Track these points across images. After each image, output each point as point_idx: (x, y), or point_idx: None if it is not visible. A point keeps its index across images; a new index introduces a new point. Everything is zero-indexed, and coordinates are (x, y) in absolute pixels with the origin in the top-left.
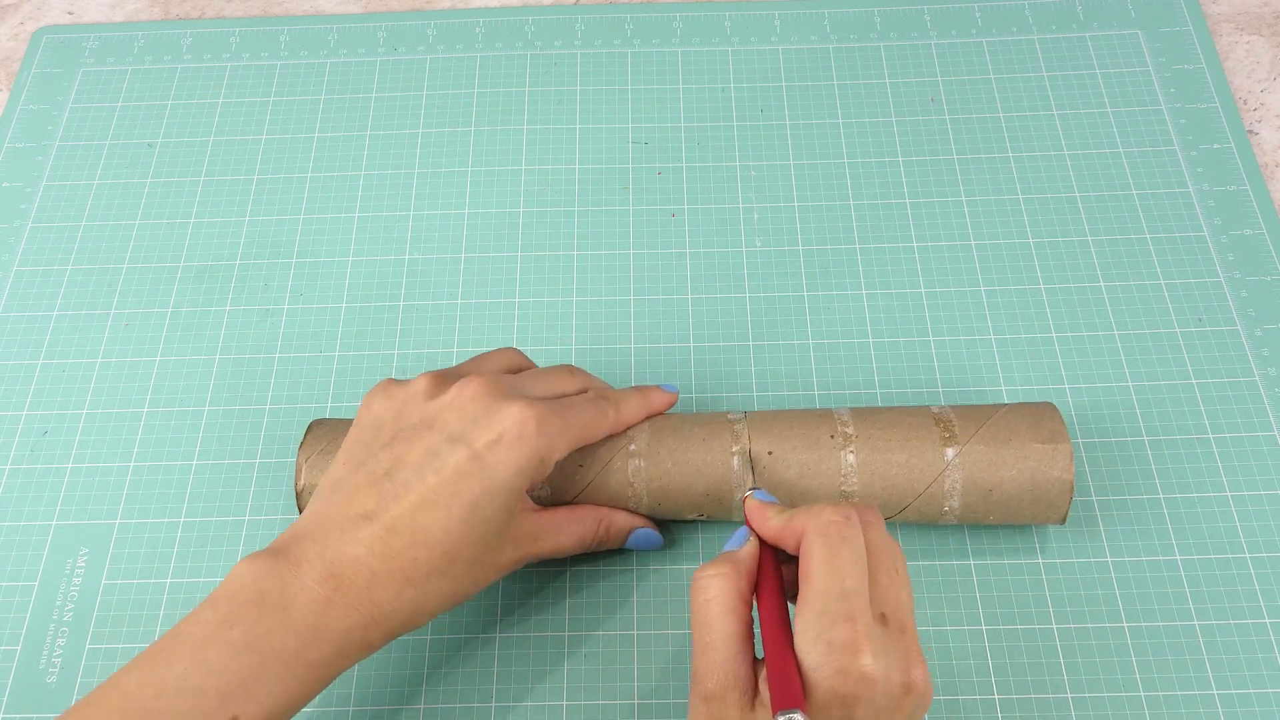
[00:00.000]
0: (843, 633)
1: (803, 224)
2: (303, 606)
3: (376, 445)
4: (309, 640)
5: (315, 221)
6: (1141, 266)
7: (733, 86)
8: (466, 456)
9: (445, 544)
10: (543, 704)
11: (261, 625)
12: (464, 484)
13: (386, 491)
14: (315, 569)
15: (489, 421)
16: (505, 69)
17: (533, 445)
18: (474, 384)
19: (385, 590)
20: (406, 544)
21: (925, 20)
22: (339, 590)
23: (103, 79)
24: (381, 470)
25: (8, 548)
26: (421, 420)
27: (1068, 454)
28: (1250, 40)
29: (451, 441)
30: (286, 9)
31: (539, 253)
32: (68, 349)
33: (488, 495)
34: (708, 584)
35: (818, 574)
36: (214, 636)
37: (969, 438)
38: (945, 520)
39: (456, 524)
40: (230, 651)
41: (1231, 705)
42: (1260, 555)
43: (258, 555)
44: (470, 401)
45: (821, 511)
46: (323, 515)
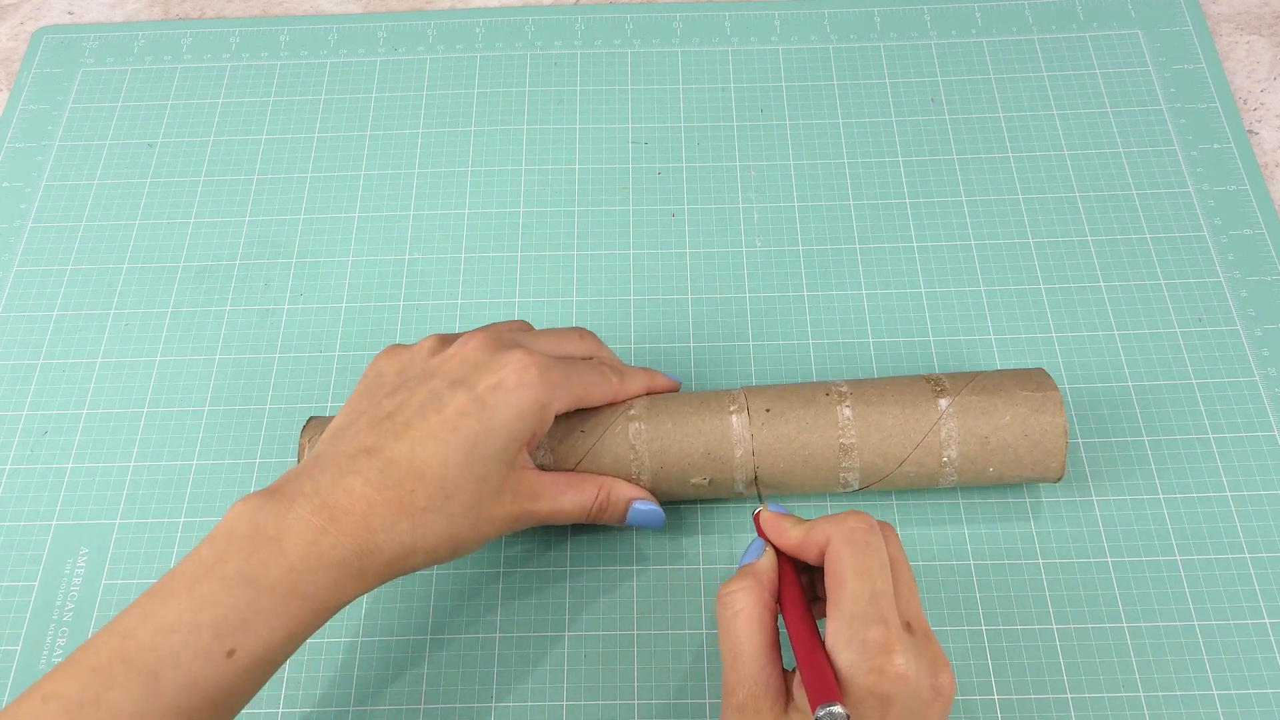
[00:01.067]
0: (877, 633)
1: (803, 224)
2: (297, 536)
3: (380, 394)
4: (304, 570)
5: (315, 221)
6: (1141, 266)
7: (733, 86)
8: (468, 398)
9: (442, 478)
10: (543, 704)
11: (256, 558)
12: (463, 422)
13: (386, 430)
14: (310, 501)
15: (491, 367)
16: (505, 69)
17: (534, 392)
18: (478, 336)
19: (381, 519)
20: (403, 475)
21: (925, 20)
22: (334, 520)
23: (103, 79)
24: (384, 413)
25: (8, 548)
26: (425, 370)
27: (1057, 400)
28: (1250, 40)
29: (453, 385)
30: (286, 9)
31: (539, 253)
32: (68, 349)
33: (487, 435)
34: (733, 599)
35: (849, 577)
36: (209, 572)
37: (960, 390)
38: (946, 475)
39: (455, 459)
40: (225, 586)
41: (1231, 705)
42: (1260, 555)
43: (253, 495)
44: (474, 351)
45: (846, 519)
46: (321, 455)
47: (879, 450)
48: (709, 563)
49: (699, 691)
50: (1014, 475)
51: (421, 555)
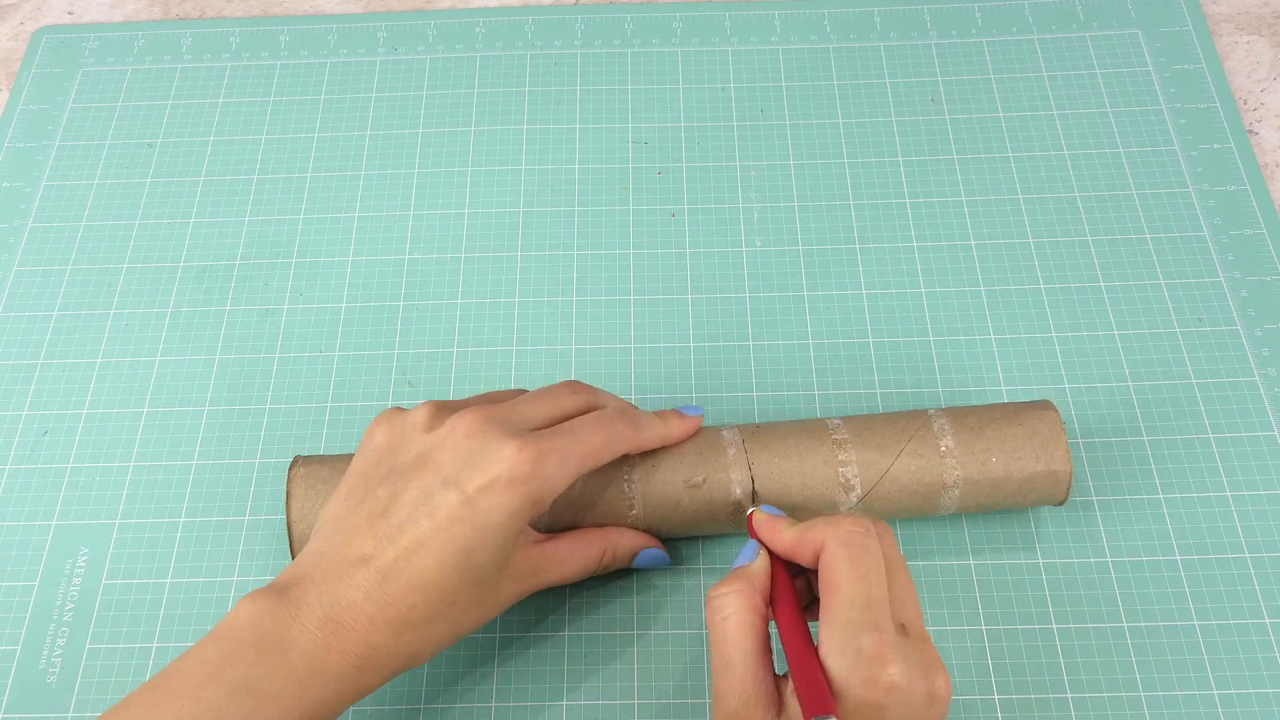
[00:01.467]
0: (870, 641)
1: (803, 224)
2: (302, 650)
3: (375, 480)
4: (307, 684)
5: (315, 221)
6: (1141, 266)
7: (733, 86)
8: (459, 501)
9: (441, 589)
10: (543, 704)
11: (261, 668)
12: (457, 530)
13: (382, 533)
14: (314, 613)
15: (482, 463)
16: (505, 69)
17: (526, 488)
18: (468, 420)
19: (383, 635)
20: (403, 590)
21: (925, 20)
22: (337, 635)
23: (103, 79)
24: (379, 508)
25: (8, 548)
26: (418, 456)
27: (1063, 449)
28: (1250, 40)
29: (445, 484)
30: (286, 9)
31: (539, 253)
32: (68, 349)
33: (481, 540)
34: (723, 602)
35: (843, 583)
36: (213, 676)
37: (963, 445)
38: (946, 465)
39: (451, 569)
40: (229, 692)
41: (1231, 705)
42: (1260, 555)
43: (259, 594)
44: (464, 440)
45: (841, 522)
46: (322, 555)
47: (880, 510)
48: (709, 563)
49: (699, 691)
50: (1015, 506)
51: (425, 656)
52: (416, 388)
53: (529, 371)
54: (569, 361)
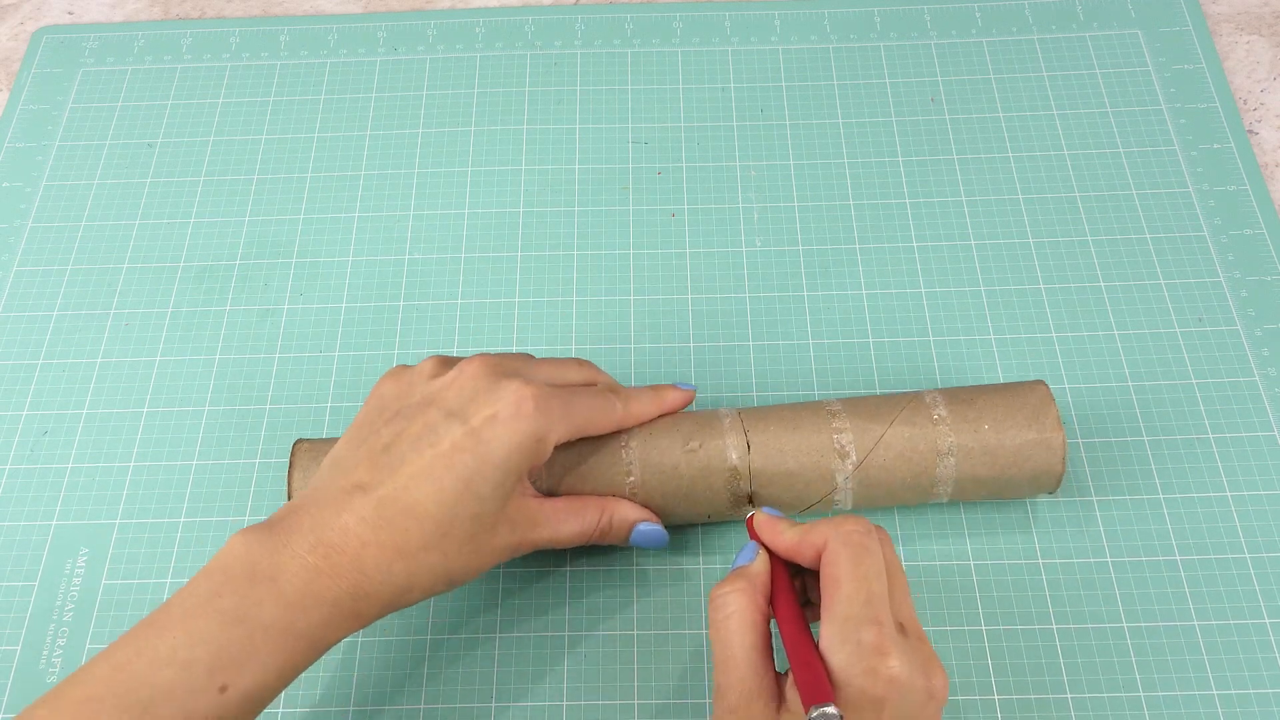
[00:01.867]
0: (871, 635)
1: (803, 224)
2: (292, 575)
3: (379, 422)
4: (298, 609)
5: (315, 221)
6: (1141, 266)
7: (733, 86)
8: (462, 432)
9: (437, 516)
10: (543, 704)
11: (251, 596)
12: (458, 458)
13: (382, 464)
14: (306, 539)
15: (487, 398)
16: (505, 69)
17: (530, 424)
18: (475, 363)
19: (375, 560)
20: (398, 514)
21: (925, 20)
22: (328, 559)
23: (103, 79)
24: (380, 445)
25: (8, 548)
26: (423, 398)
27: (1056, 421)
28: (1250, 40)
29: (449, 417)
30: (286, 9)
31: (539, 253)
32: (68, 349)
33: (482, 471)
34: (725, 600)
35: (845, 579)
36: (204, 607)
37: (958, 417)
38: (940, 431)
39: (449, 497)
40: (220, 622)
41: (1231, 705)
42: (1260, 555)
43: (251, 528)
44: (470, 379)
45: (844, 523)
46: (319, 489)
47: (876, 480)
48: (708, 562)
49: (699, 691)
50: (1009, 494)
51: (417, 592)
52: None
53: None
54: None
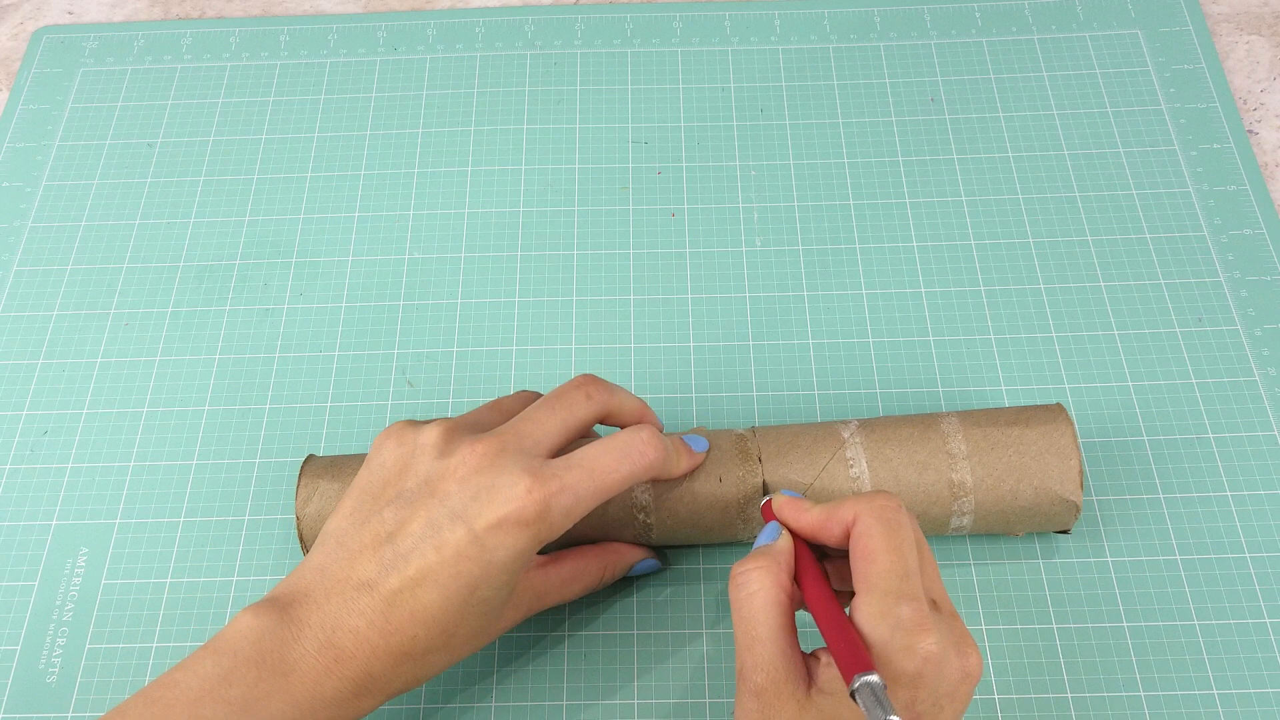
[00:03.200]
0: (910, 611)
1: (803, 224)
2: (302, 674)
3: (382, 501)
4: (305, 709)
5: (315, 221)
6: (1141, 266)
7: (733, 86)
8: (466, 538)
9: (444, 622)
10: (542, 704)
11: (260, 689)
12: (463, 566)
13: (387, 560)
14: (316, 636)
15: (490, 500)
16: (505, 69)
17: (534, 529)
18: (480, 450)
19: (383, 664)
20: (405, 621)
21: (925, 20)
22: (338, 661)
23: (103, 79)
24: (384, 532)
25: (8, 548)
26: (426, 482)
27: (1076, 476)
28: (1250, 40)
29: (453, 519)
30: (286, 9)
31: (539, 253)
32: (68, 349)
33: (486, 577)
34: (748, 578)
35: (880, 554)
36: (212, 693)
37: (977, 453)
38: (957, 466)
39: (455, 604)
40: (227, 711)
41: (1231, 705)
42: (1260, 555)
43: (260, 608)
44: (474, 474)
45: (875, 497)
46: (325, 572)
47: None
48: (709, 562)
49: (699, 691)
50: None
51: (421, 682)
52: (416, 387)
53: (529, 371)
54: (569, 361)
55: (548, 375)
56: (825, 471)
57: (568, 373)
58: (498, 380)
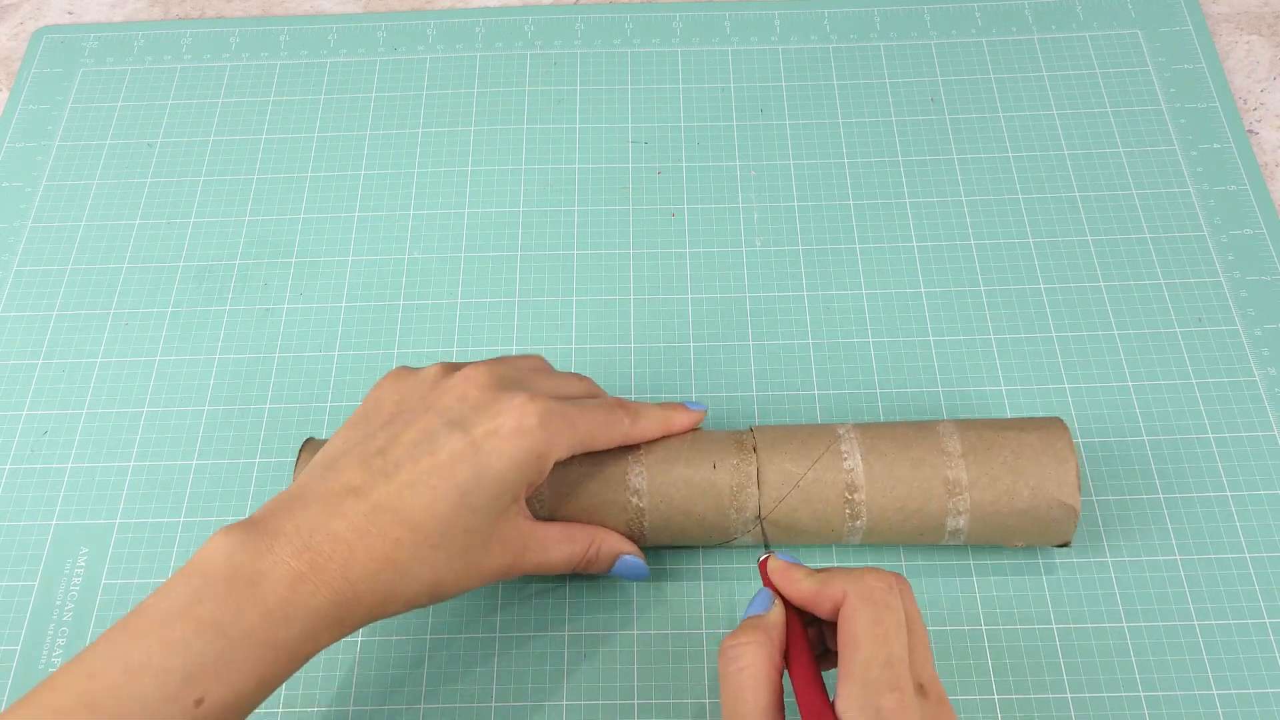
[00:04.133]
0: (891, 702)
1: (803, 224)
2: (274, 582)
3: (375, 424)
4: (279, 619)
5: (315, 221)
6: (1141, 266)
7: (733, 86)
8: (463, 442)
9: (430, 528)
10: (543, 704)
11: (231, 603)
12: (457, 469)
13: (376, 468)
14: (291, 542)
15: (490, 410)
16: (505, 69)
17: (532, 439)
18: (480, 371)
19: (362, 569)
20: (390, 523)
21: (925, 20)
22: (314, 566)
23: (103, 79)
24: (375, 447)
25: (8, 548)
26: (423, 403)
27: (1074, 483)
28: (1250, 40)
29: (449, 426)
30: (286, 9)
31: (539, 252)
32: (68, 349)
33: (480, 484)
34: (739, 653)
35: (864, 640)
36: (182, 613)
37: (974, 462)
38: (953, 463)
39: (444, 508)
40: (197, 629)
41: (1231, 705)
42: (1260, 555)
43: (233, 527)
44: (474, 389)
45: (864, 576)
46: (306, 487)
47: (886, 506)
48: (709, 562)
49: (699, 691)
50: (1020, 542)
51: (400, 604)
52: None
53: None
54: (569, 361)
55: None
56: (819, 463)
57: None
58: None
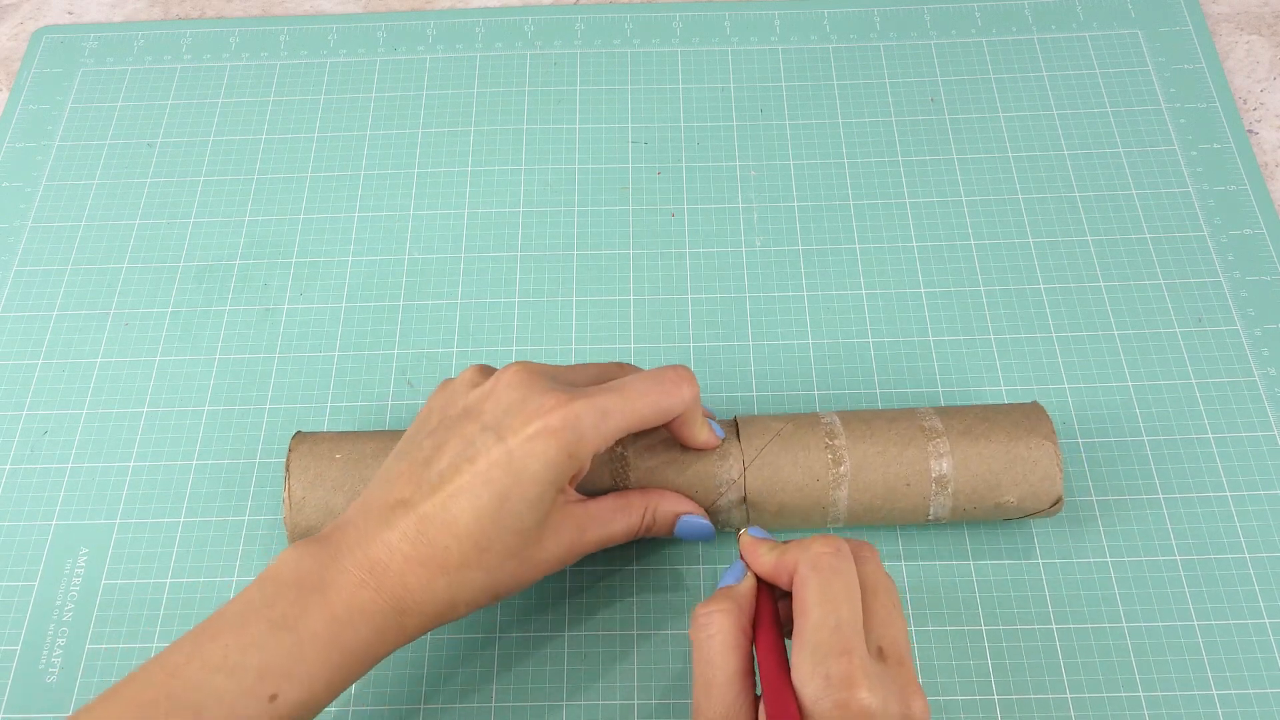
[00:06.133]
0: (840, 666)
1: (803, 224)
2: (339, 589)
3: (423, 434)
4: (345, 623)
5: (315, 221)
6: (1141, 266)
7: (732, 86)
8: (497, 447)
9: (476, 534)
10: (542, 704)
11: (300, 605)
12: (494, 474)
13: (423, 479)
14: (353, 554)
15: (522, 411)
16: (505, 69)
17: (561, 440)
18: (512, 371)
19: (418, 578)
20: (438, 532)
21: (925, 20)
22: (374, 574)
23: (103, 79)
24: (422, 459)
25: (8, 548)
26: (464, 410)
27: (1054, 454)
28: (1250, 40)
29: (485, 431)
30: (286, 9)
31: (539, 253)
32: (68, 349)
33: (518, 488)
34: (709, 620)
35: (812, 607)
36: (255, 615)
37: (954, 437)
38: (936, 444)
39: (487, 514)
40: (270, 629)
41: (1231, 705)
42: (1260, 555)
43: (304, 542)
44: (506, 389)
45: (811, 544)
46: (366, 503)
47: (869, 487)
48: (709, 563)
49: None
50: (1005, 515)
51: (462, 607)
52: (416, 388)
53: None
54: (569, 361)
55: None
56: (797, 420)
57: None
58: None
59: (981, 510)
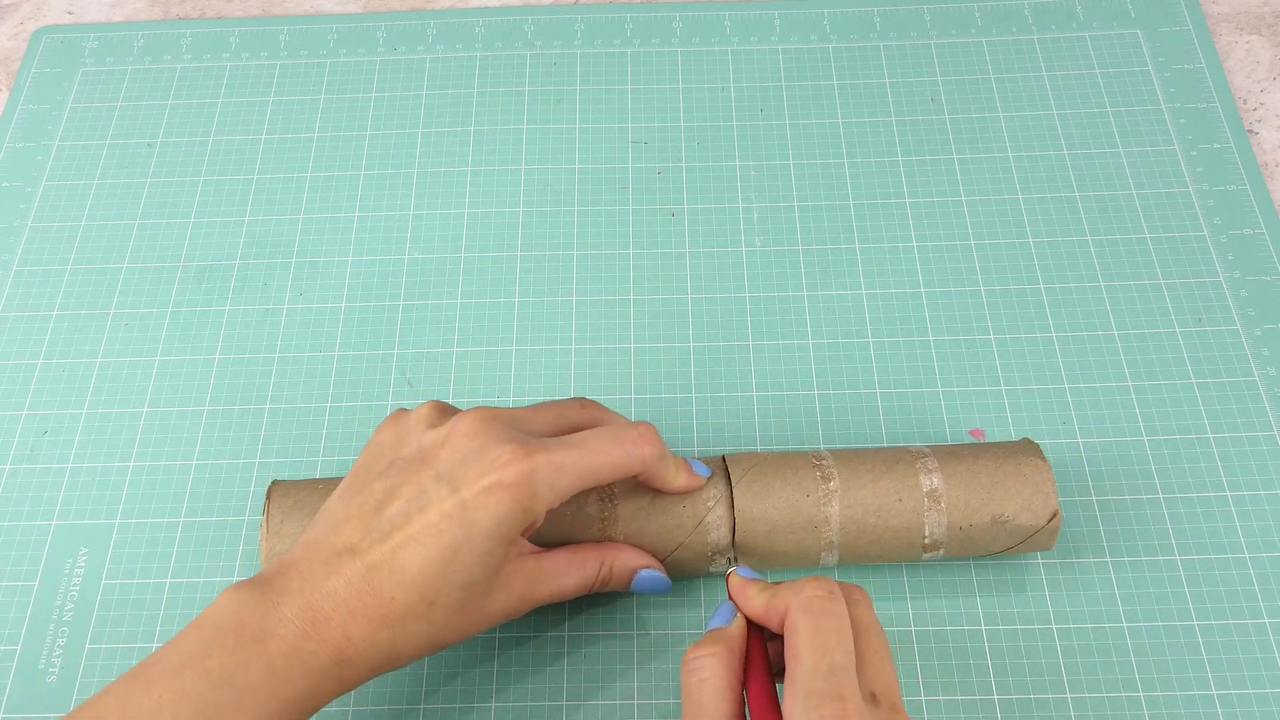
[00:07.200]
0: (834, 711)
1: (803, 224)
2: (280, 640)
3: (373, 474)
4: (283, 676)
5: (315, 221)
6: (1141, 266)
7: (732, 86)
8: (450, 499)
9: (423, 586)
10: (542, 704)
11: (238, 657)
12: (445, 527)
13: (372, 526)
14: (295, 602)
15: (477, 463)
16: (505, 69)
17: (516, 494)
18: (470, 418)
19: (361, 629)
20: (385, 582)
21: (925, 20)
22: (315, 625)
23: (103, 79)
24: (373, 502)
25: (8, 548)
26: (417, 451)
27: (1052, 502)
28: (1250, 40)
29: (438, 481)
30: (286, 9)
31: (539, 253)
32: (68, 349)
33: (470, 542)
34: (699, 665)
35: (805, 651)
36: (191, 665)
37: (950, 484)
38: (925, 462)
39: (435, 567)
40: (206, 682)
41: (1231, 705)
42: (1260, 555)
43: (243, 584)
44: (463, 438)
45: (804, 587)
46: (311, 545)
47: (860, 503)
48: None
49: None
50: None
51: (405, 658)
52: (416, 388)
53: (529, 371)
54: (569, 361)
55: (547, 375)
56: (785, 452)
57: (567, 373)
58: (497, 380)
59: (979, 528)
